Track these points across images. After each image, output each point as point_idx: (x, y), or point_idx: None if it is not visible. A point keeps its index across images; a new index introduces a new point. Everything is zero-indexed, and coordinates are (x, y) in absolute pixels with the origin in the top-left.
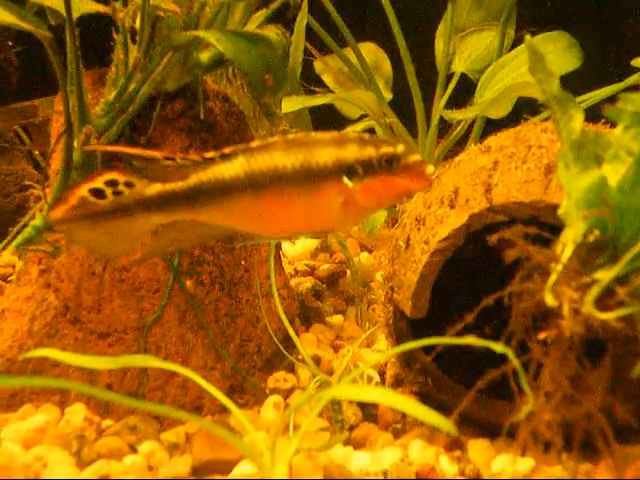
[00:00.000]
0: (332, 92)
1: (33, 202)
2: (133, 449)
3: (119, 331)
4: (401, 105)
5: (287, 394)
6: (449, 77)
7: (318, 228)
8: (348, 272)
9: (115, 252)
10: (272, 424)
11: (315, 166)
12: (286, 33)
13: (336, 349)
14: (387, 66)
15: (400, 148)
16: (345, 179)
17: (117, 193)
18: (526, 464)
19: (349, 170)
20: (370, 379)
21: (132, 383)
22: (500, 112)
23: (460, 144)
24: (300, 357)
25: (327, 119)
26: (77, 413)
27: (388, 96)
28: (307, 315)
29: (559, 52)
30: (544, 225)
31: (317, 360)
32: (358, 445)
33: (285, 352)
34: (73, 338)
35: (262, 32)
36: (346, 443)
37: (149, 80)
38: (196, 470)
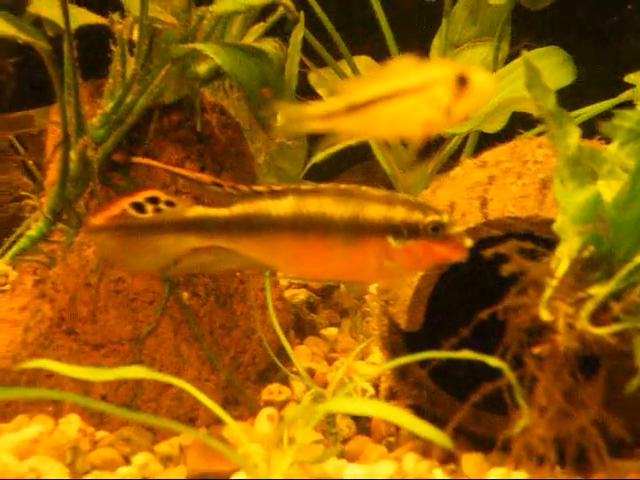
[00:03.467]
0: None
1: (28, 212)
2: (127, 460)
3: (114, 342)
4: None
5: (281, 406)
6: None
7: (352, 279)
8: (341, 285)
9: (142, 267)
10: (266, 436)
11: (363, 221)
12: (283, 46)
13: (330, 362)
14: None
15: (445, 218)
16: (390, 238)
17: (157, 210)
18: (519, 478)
19: (395, 230)
20: (364, 392)
21: (127, 394)
22: (495, 126)
23: (454, 158)
24: (294, 369)
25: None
26: (71, 424)
27: None
28: (301, 327)
29: (553, 67)
30: (538, 239)
31: (311, 372)
32: (352, 458)
33: (280, 364)
34: (68, 349)
35: (259, 45)
36: (340, 456)
37: (147, 92)
38: None
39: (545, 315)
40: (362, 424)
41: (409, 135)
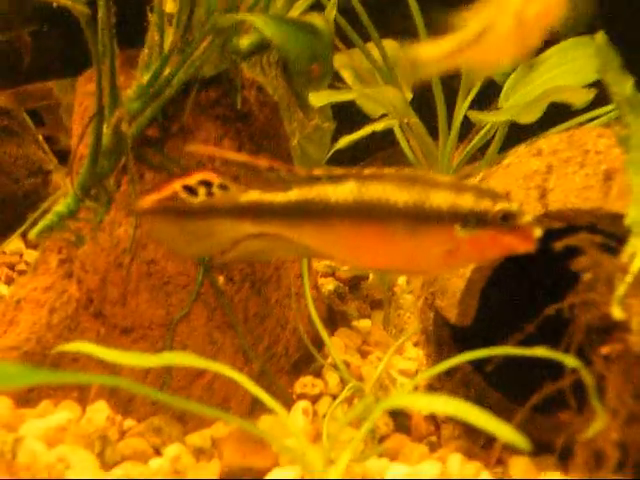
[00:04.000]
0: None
1: (52, 188)
2: (157, 452)
3: (144, 327)
4: (419, 106)
5: (315, 400)
6: None
7: (413, 269)
8: (371, 275)
9: (193, 252)
10: (302, 430)
11: (429, 208)
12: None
13: (363, 355)
14: None
15: (515, 206)
16: (457, 228)
17: (210, 194)
18: None
19: (462, 219)
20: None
21: (155, 382)
22: (530, 117)
23: (480, 150)
24: (329, 362)
25: (344, 116)
26: (99, 412)
27: (408, 95)
28: (332, 318)
29: (590, 58)
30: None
31: (346, 366)
32: (390, 457)
33: (317, 356)
34: (95, 332)
35: (309, 18)
36: (379, 455)
37: (187, 64)
38: (225, 477)
39: (618, 313)
40: (401, 422)
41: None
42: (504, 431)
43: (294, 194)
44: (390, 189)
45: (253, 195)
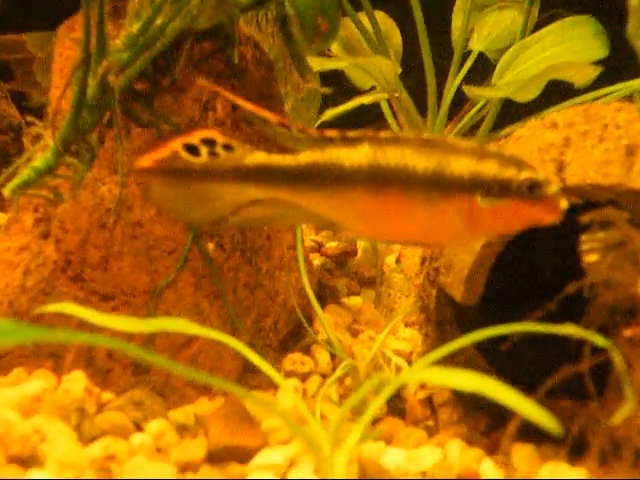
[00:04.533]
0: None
1: (30, 142)
2: (138, 427)
3: (126, 294)
4: (409, 81)
5: (304, 378)
6: (465, 56)
7: (430, 241)
8: (359, 252)
9: (194, 217)
10: (292, 410)
11: (449, 175)
12: None
13: (353, 333)
14: (397, 37)
15: (542, 174)
16: (479, 197)
17: (214, 154)
18: (576, 475)
19: (484, 187)
20: (398, 369)
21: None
22: (528, 95)
23: (471, 129)
24: (322, 339)
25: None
26: (76, 382)
27: (397, 69)
28: (322, 294)
29: (588, 38)
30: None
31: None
32: (384, 441)
33: (311, 331)
34: (72, 297)
35: None
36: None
37: (181, 14)
38: (212, 456)
39: None
40: (394, 405)
41: None
42: (537, 414)
43: (304, 157)
44: (408, 154)
45: (260, 157)
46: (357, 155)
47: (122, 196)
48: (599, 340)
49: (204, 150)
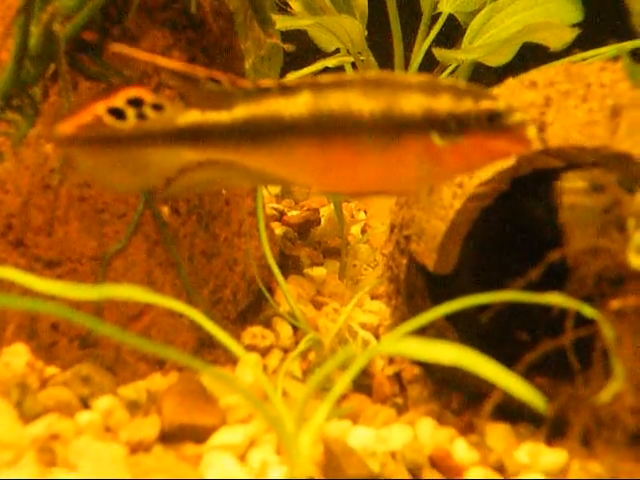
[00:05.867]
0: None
1: None
2: (85, 404)
3: (73, 260)
4: (375, 44)
5: (265, 352)
6: (434, 19)
7: (390, 188)
8: (322, 221)
9: (128, 187)
10: (253, 386)
11: (399, 115)
12: None
13: (317, 306)
14: None
15: (502, 103)
16: (435, 136)
17: (142, 116)
18: (556, 457)
19: (440, 125)
20: (366, 342)
21: (83, 325)
22: (500, 59)
23: None
24: (284, 311)
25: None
26: (18, 356)
27: (364, 31)
28: (283, 264)
29: (562, 2)
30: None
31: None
32: (351, 419)
33: (273, 303)
34: (13, 264)
35: None
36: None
37: None
38: (166, 435)
39: (635, 262)
40: (360, 381)
41: None
42: (520, 388)
43: (240, 111)
44: (352, 97)
45: (193, 115)
46: (296, 104)
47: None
48: (587, 310)
49: (131, 112)
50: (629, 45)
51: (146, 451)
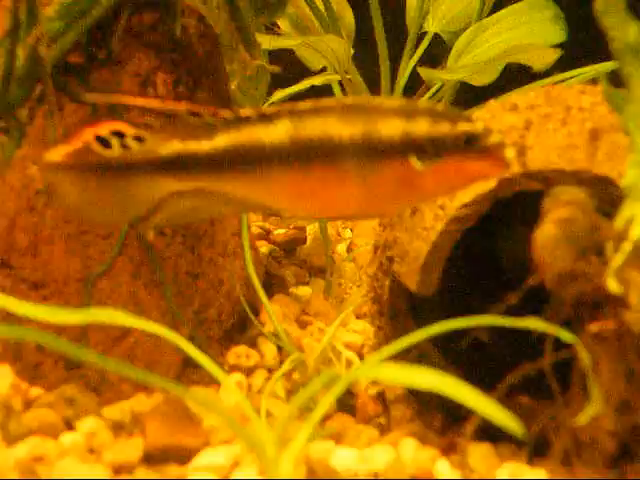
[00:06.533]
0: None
1: None
2: (69, 426)
3: (58, 282)
4: (361, 63)
5: (249, 372)
6: (419, 38)
7: (371, 211)
8: (308, 240)
9: (110, 218)
10: (235, 408)
11: (377, 140)
12: None
13: (302, 325)
14: (350, 17)
15: (479, 125)
16: (413, 159)
17: (125, 147)
18: (537, 477)
19: (418, 148)
20: (349, 363)
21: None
22: (485, 79)
23: None
24: (269, 331)
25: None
26: (2, 377)
27: (350, 50)
28: (268, 283)
29: (545, 22)
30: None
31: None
32: (334, 440)
33: (257, 323)
34: None
35: None
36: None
37: None
38: (149, 456)
39: (613, 286)
40: (344, 401)
41: None
42: (498, 414)
43: (221, 140)
44: (331, 122)
45: (174, 146)
46: (277, 131)
47: None
48: (565, 335)
49: (115, 142)
50: (609, 66)
51: (129, 472)
